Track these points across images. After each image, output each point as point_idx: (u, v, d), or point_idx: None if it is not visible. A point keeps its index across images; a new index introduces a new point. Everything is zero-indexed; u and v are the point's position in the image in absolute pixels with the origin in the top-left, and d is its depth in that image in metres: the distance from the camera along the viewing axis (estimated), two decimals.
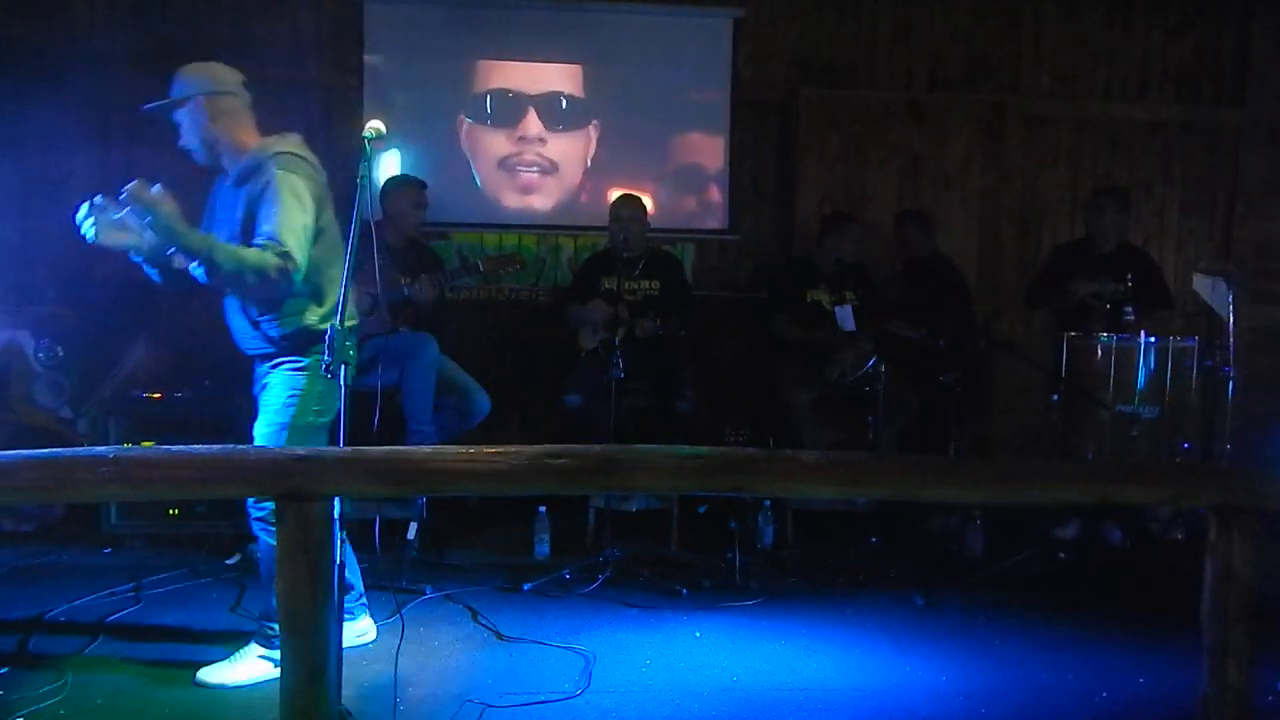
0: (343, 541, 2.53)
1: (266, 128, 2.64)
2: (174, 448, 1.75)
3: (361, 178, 2.15)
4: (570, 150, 4.79)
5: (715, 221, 4.88)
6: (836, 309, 3.99)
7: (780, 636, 2.89)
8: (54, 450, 1.78)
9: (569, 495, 3.58)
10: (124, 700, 2.39)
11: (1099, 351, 3.71)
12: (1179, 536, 3.79)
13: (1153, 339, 3.63)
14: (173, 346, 4.12)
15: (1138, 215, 4.82)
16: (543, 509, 3.56)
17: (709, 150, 4.84)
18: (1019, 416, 4.73)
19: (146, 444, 3.45)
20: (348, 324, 2.20)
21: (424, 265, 3.83)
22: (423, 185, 3.87)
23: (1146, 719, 2.44)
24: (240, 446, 1.77)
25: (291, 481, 1.72)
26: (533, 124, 4.74)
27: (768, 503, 3.70)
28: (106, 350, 4.03)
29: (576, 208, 4.79)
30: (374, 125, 2.26)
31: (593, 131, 4.78)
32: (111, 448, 1.76)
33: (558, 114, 4.76)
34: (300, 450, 1.73)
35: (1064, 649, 2.84)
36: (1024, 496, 1.91)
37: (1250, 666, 1.91)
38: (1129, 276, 3.73)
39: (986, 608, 3.17)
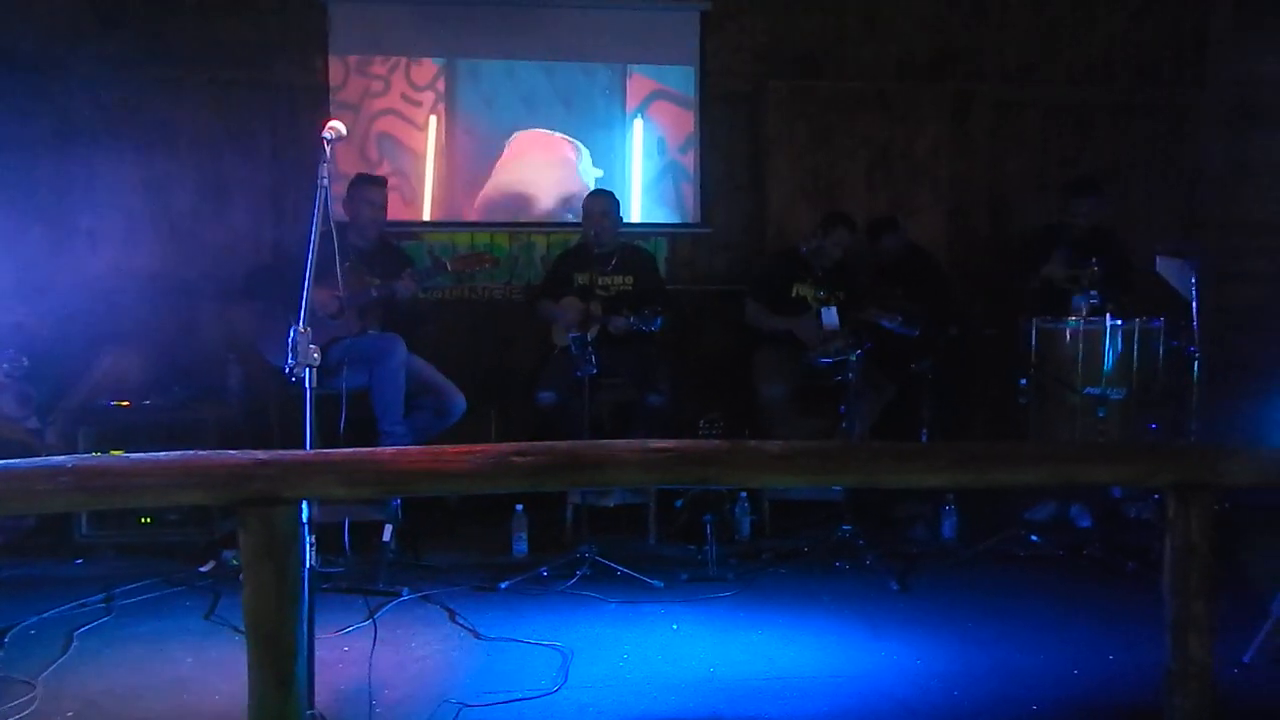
0: None
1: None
2: (134, 455, 1.74)
3: (322, 180, 2.13)
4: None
5: (687, 215, 4.88)
6: (823, 310, 3.98)
7: (757, 626, 2.91)
8: (12, 461, 1.76)
9: (544, 493, 3.58)
10: (95, 712, 2.36)
11: (1067, 335, 3.75)
12: (1147, 517, 3.84)
13: (1119, 321, 3.68)
14: (141, 354, 4.08)
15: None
16: (520, 507, 3.55)
17: (679, 143, 4.84)
18: (1000, 402, 4.77)
19: (116, 453, 3.41)
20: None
21: (393, 266, 3.81)
22: (384, 183, 3.85)
23: (1117, 694, 2.47)
24: (201, 452, 1.76)
25: (255, 486, 1.71)
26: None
27: (744, 494, 3.72)
28: (74, 359, 3.98)
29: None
30: (334, 126, 2.25)
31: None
32: (71, 457, 1.73)
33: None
34: (262, 454, 1.72)
35: (1037, 629, 2.88)
36: (988, 479, 1.94)
37: (1215, 640, 1.94)
38: (1093, 261, 3.77)
39: (961, 591, 3.20)
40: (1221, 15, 5.02)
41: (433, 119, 4.68)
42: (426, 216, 4.71)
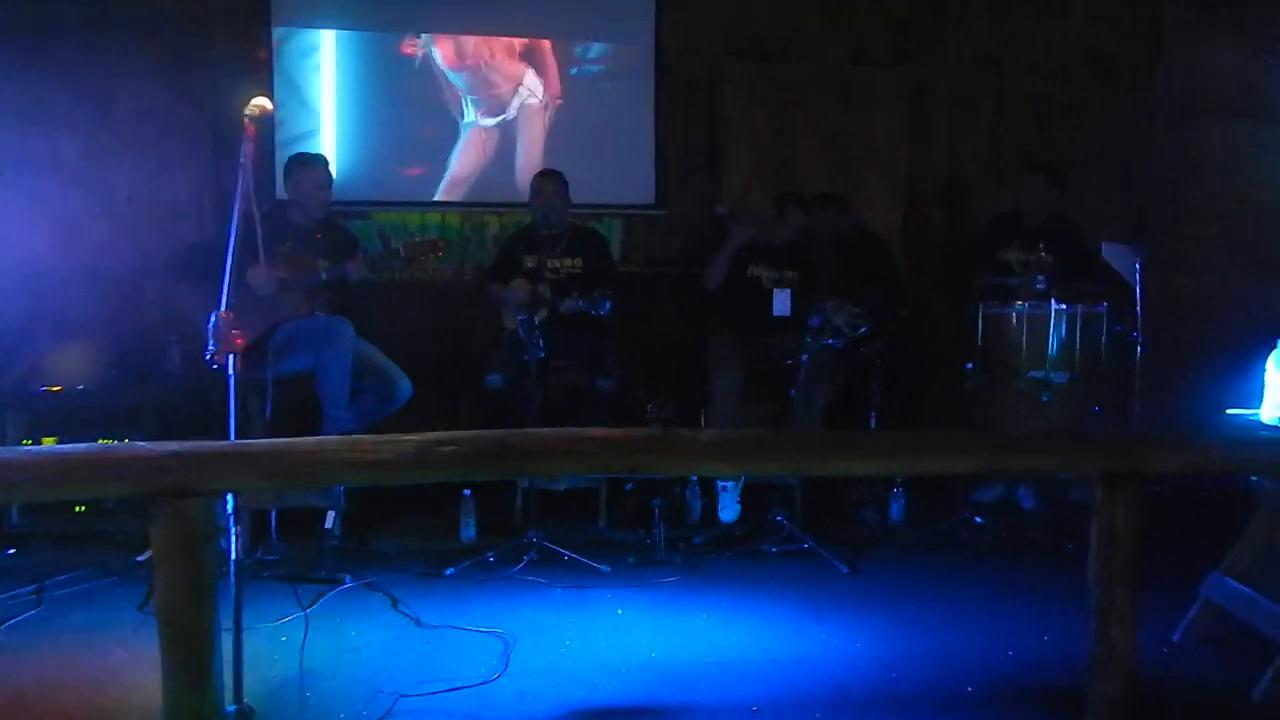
0: None
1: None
2: (41, 447, 1.68)
3: (242, 160, 2.06)
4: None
5: (643, 197, 4.84)
6: (775, 292, 3.97)
7: (702, 610, 2.91)
8: None
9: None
10: (20, 706, 2.30)
11: (1013, 319, 3.79)
12: (1088, 500, 3.91)
13: (1063, 306, 3.72)
14: (78, 337, 3.95)
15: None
16: (468, 492, 3.52)
17: (635, 125, 4.79)
18: (951, 387, 4.80)
19: (48, 440, 3.31)
20: None
21: (339, 246, 3.72)
22: (325, 162, 3.75)
23: (1048, 675, 2.51)
24: (114, 444, 1.70)
25: (168, 478, 1.66)
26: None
27: (695, 478, 3.72)
28: (3, 343, 3.84)
29: (500, 184, 4.71)
30: (257, 103, 2.17)
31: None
32: None
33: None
34: (175, 445, 1.66)
35: (976, 612, 2.91)
36: (918, 467, 1.94)
37: (1138, 626, 1.97)
38: (1041, 246, 3.80)
39: (905, 574, 3.24)
40: (1173, 13, 5.06)
41: None
42: None
